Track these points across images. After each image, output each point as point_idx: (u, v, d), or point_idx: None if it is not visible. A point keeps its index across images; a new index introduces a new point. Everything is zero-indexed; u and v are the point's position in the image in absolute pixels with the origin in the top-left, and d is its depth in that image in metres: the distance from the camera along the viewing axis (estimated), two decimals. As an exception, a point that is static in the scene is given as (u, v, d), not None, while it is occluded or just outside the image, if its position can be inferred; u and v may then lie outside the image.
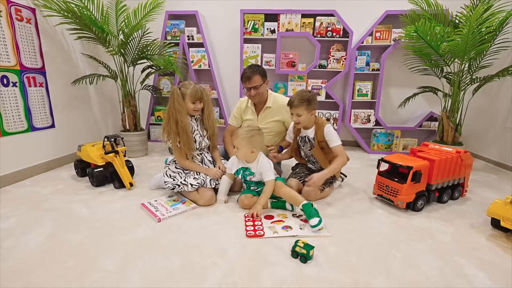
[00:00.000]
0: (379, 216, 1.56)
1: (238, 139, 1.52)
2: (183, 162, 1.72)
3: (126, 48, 2.48)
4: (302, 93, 1.65)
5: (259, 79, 1.84)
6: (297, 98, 1.63)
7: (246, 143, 1.52)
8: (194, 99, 1.64)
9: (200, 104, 1.69)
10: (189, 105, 1.66)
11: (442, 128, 2.33)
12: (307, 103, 1.62)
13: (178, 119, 1.62)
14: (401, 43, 2.63)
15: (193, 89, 1.63)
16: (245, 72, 1.86)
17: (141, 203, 1.63)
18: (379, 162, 1.75)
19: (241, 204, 1.59)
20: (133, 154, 2.68)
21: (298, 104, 1.62)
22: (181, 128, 1.63)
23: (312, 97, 1.64)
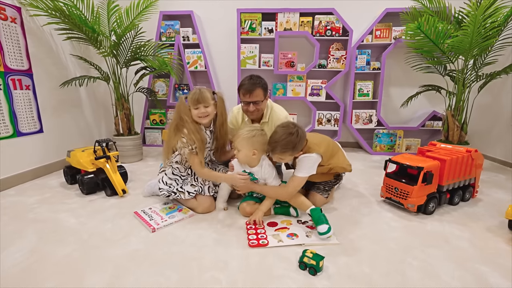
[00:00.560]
0: (389, 221, 1.46)
1: (239, 140, 1.40)
2: (202, 171, 1.52)
3: (118, 49, 2.38)
4: (286, 137, 1.29)
5: (260, 94, 1.60)
6: (279, 146, 1.30)
7: (247, 144, 1.39)
8: (195, 103, 1.47)
9: (205, 109, 1.48)
10: (193, 112, 1.48)
11: (447, 127, 2.25)
12: (291, 150, 1.33)
13: (186, 126, 1.47)
14: (403, 41, 2.57)
15: (193, 91, 1.49)
16: (243, 84, 1.60)
17: (134, 212, 1.51)
18: (386, 163, 1.66)
19: (242, 211, 1.49)
20: (127, 160, 2.56)
21: (280, 152, 1.33)
22: (193, 134, 1.47)
23: (299, 140, 1.31)
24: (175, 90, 3.12)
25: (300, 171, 1.39)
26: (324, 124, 2.95)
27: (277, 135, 1.32)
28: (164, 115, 3.18)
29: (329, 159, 1.48)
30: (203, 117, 1.49)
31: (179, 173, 1.62)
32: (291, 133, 1.30)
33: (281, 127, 1.34)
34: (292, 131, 1.30)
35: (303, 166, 1.39)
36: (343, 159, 1.58)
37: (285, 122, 1.37)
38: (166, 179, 1.61)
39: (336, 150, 1.56)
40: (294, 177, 1.41)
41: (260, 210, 1.42)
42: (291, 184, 1.41)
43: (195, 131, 1.48)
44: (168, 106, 3.14)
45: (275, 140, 1.32)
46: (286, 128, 1.32)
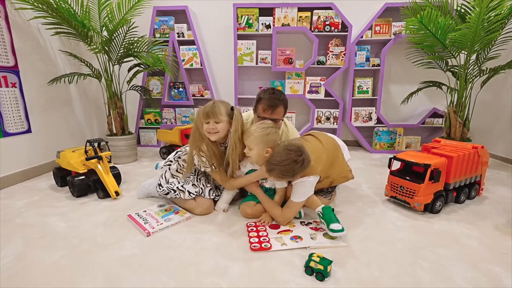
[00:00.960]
0: (395, 220, 1.41)
1: (251, 138, 1.29)
2: (228, 184, 1.43)
3: (110, 45, 2.29)
4: (289, 163, 1.16)
5: (281, 112, 1.46)
6: (278, 170, 1.19)
7: (261, 142, 1.28)
8: (204, 117, 1.33)
9: (216, 125, 1.32)
10: (204, 126, 1.35)
11: (449, 124, 2.21)
12: (290, 177, 1.23)
13: (205, 141, 1.37)
14: (403, 36, 2.53)
15: (206, 104, 1.36)
16: (265, 98, 1.43)
17: (128, 215, 1.43)
18: (391, 161, 1.61)
19: (242, 213, 1.42)
20: (120, 160, 2.47)
21: (277, 176, 1.23)
22: (211, 149, 1.37)
23: (302, 170, 1.20)
24: (170, 88, 3.03)
25: (296, 196, 1.28)
26: (323, 122, 2.89)
27: (279, 157, 1.17)
28: (159, 115, 3.09)
29: (328, 170, 1.38)
30: (211, 133, 1.34)
31: (182, 170, 1.55)
32: (295, 161, 1.16)
33: (287, 149, 1.18)
34: (297, 160, 1.16)
35: (299, 191, 1.28)
36: (343, 165, 1.46)
37: (292, 144, 1.20)
38: (169, 176, 1.54)
39: (336, 155, 1.44)
40: (290, 202, 1.30)
41: (268, 216, 1.37)
42: (288, 210, 1.31)
43: (214, 148, 1.38)
44: (163, 105, 3.05)
45: (276, 162, 1.18)
46: (292, 153, 1.16)
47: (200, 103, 3.10)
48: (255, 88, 2.99)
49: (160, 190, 1.52)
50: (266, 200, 1.38)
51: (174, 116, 3.08)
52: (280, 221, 1.33)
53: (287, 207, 1.32)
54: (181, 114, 3.07)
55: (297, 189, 1.28)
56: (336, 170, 1.42)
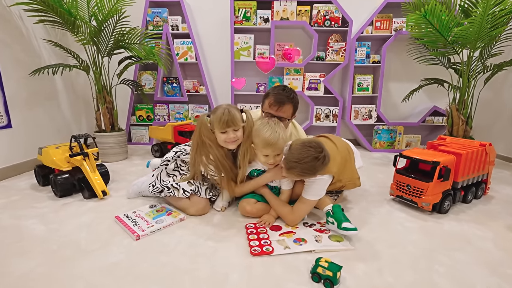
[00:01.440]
0: (403, 221, 1.33)
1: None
2: (240, 190, 1.34)
3: (100, 36, 2.15)
4: (311, 161, 1.07)
5: (289, 111, 1.36)
6: (299, 168, 1.09)
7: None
8: (223, 127, 1.21)
9: (235, 133, 1.23)
10: (219, 136, 1.24)
11: (451, 122, 2.16)
12: (311, 176, 1.14)
13: (211, 153, 1.27)
14: (404, 33, 2.48)
15: (220, 112, 1.21)
16: (274, 93, 1.34)
17: (116, 216, 1.31)
18: (396, 158, 1.53)
19: (241, 210, 1.32)
20: (110, 158, 2.33)
21: (298, 174, 1.12)
22: (220, 161, 1.27)
23: (323, 168, 1.11)
24: (163, 83, 2.90)
25: (310, 194, 1.19)
26: (322, 120, 2.81)
27: (300, 154, 1.08)
28: (151, 111, 2.95)
29: (340, 174, 1.29)
30: (231, 142, 1.24)
31: (179, 169, 1.44)
32: (317, 158, 1.06)
33: (308, 146, 1.09)
34: (318, 156, 1.06)
35: (314, 189, 1.19)
36: (353, 171, 1.39)
37: (312, 141, 1.12)
38: (164, 176, 1.43)
39: (348, 160, 1.35)
40: (303, 199, 1.20)
41: (272, 216, 1.27)
42: (301, 206, 1.21)
43: (221, 158, 1.27)
44: (155, 101, 2.92)
45: (296, 160, 1.08)
46: (312, 150, 1.07)
47: (194, 100, 2.99)
48: (253, 84, 2.89)
49: (152, 190, 1.40)
50: (273, 198, 1.29)
51: (167, 112, 2.95)
52: (290, 219, 1.23)
53: (300, 203, 1.22)
54: (174, 111, 2.94)
55: (312, 186, 1.19)
56: (348, 175, 1.34)
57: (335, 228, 1.16)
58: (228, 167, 1.30)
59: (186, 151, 1.44)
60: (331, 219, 1.18)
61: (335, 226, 1.15)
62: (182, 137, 2.26)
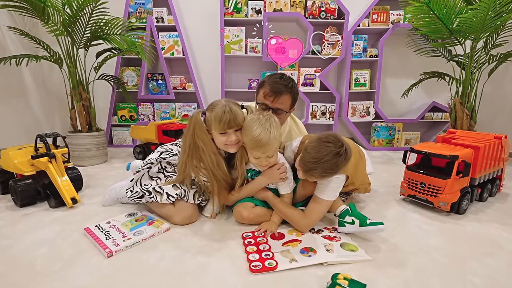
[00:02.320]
0: (420, 223, 1.18)
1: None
2: (235, 197, 1.15)
3: (74, 26, 1.93)
4: (332, 158, 0.91)
5: (287, 102, 1.18)
6: (320, 168, 0.92)
7: None
8: (223, 127, 1.02)
9: (236, 133, 1.05)
10: (217, 137, 1.06)
11: (455, 116, 2.06)
12: (333, 175, 0.98)
13: (204, 159, 1.08)
14: (405, 23, 2.38)
15: (220, 110, 1.02)
16: (270, 81, 1.16)
17: (85, 228, 1.09)
18: (406, 154, 1.39)
19: (237, 217, 1.13)
20: (86, 162, 2.09)
21: (319, 175, 0.95)
22: (214, 170, 1.09)
23: (345, 164, 0.95)
24: (148, 80, 2.69)
25: (326, 193, 1.02)
26: (318, 118, 2.67)
27: (318, 152, 0.92)
28: (134, 110, 2.73)
29: (353, 177, 1.14)
30: (232, 145, 1.06)
31: (164, 170, 1.23)
32: (338, 154, 0.91)
33: (326, 142, 0.93)
34: (340, 151, 0.91)
35: (331, 187, 1.02)
36: (364, 176, 1.25)
37: (328, 135, 0.95)
38: (146, 180, 1.21)
39: (359, 162, 1.20)
40: (318, 200, 1.03)
41: (274, 222, 1.09)
42: (315, 209, 1.04)
43: (213, 166, 1.08)
44: (139, 100, 2.70)
45: (315, 160, 0.92)
46: (332, 145, 0.91)
47: (182, 98, 2.79)
48: (244, 81, 2.72)
49: (131, 196, 1.19)
50: (278, 202, 1.11)
51: (152, 111, 2.73)
52: (304, 224, 1.05)
53: (314, 204, 1.04)
54: (160, 110, 2.73)
55: (329, 185, 1.02)
56: (360, 178, 1.19)
57: (355, 229, 1.00)
58: (220, 176, 1.10)
59: (173, 152, 1.24)
60: (349, 219, 1.02)
61: (356, 225, 1.00)
62: (167, 137, 2.06)
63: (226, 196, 1.15)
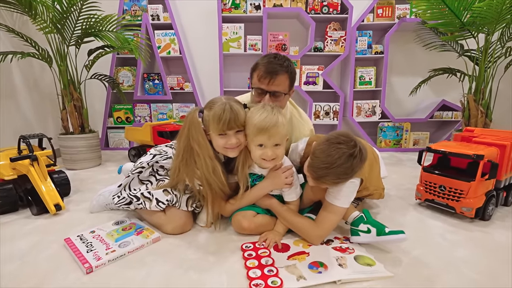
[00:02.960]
0: (442, 232, 1.05)
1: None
2: (232, 207, 1.02)
3: (65, 23, 1.83)
4: (345, 161, 0.79)
5: (285, 83, 1.06)
6: (333, 174, 0.81)
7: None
8: (222, 128, 0.91)
9: (238, 135, 0.94)
10: (216, 139, 0.94)
11: (468, 114, 1.93)
12: (348, 180, 0.86)
13: (199, 165, 0.95)
14: (412, 17, 2.27)
15: (219, 108, 0.90)
16: (263, 63, 1.04)
17: (66, 239, 0.97)
18: (421, 154, 1.26)
19: (236, 227, 1.00)
20: (78, 165, 1.98)
21: (332, 181, 0.84)
22: (210, 177, 0.95)
23: (361, 166, 0.83)
24: (144, 80, 2.58)
25: (339, 199, 0.89)
26: (322, 118, 2.55)
27: (329, 156, 0.80)
28: (130, 112, 2.62)
29: (367, 181, 1.02)
30: (232, 148, 0.94)
31: (156, 173, 1.12)
32: (352, 155, 0.79)
33: (336, 143, 0.81)
34: (354, 152, 0.79)
35: (345, 192, 0.89)
36: (378, 180, 1.13)
37: (339, 135, 0.83)
38: (135, 184, 1.10)
39: (373, 165, 1.09)
40: (331, 207, 0.90)
41: (278, 232, 0.96)
42: (328, 218, 0.91)
43: (208, 173, 0.94)
44: (135, 100, 2.59)
45: (327, 165, 0.80)
46: (344, 146, 0.80)
47: (179, 98, 2.68)
48: (244, 80, 2.62)
49: (118, 200, 1.07)
50: (284, 210, 0.98)
51: (149, 113, 2.63)
52: (316, 235, 0.92)
53: (326, 212, 0.91)
54: (157, 111, 2.62)
55: (342, 189, 0.88)
56: (374, 182, 1.08)
57: (371, 239, 0.89)
58: (215, 184, 0.96)
59: (167, 154, 1.13)
60: (364, 227, 0.90)
61: (373, 234, 0.88)
62: (163, 138, 1.94)
63: (222, 206, 1.02)
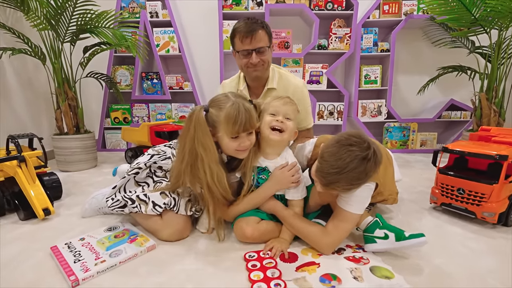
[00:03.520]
0: (463, 239, 0.96)
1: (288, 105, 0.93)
2: (234, 211, 0.94)
3: (60, 19, 1.76)
4: (358, 165, 0.71)
5: (265, 38, 1.14)
6: (345, 180, 0.73)
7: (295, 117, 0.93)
8: (238, 130, 0.84)
9: (249, 136, 0.88)
10: (227, 143, 0.87)
11: (480, 114, 1.85)
12: (361, 186, 0.76)
13: (205, 170, 0.86)
14: (420, 14, 2.20)
15: (232, 109, 0.83)
16: (239, 26, 1.13)
17: (52, 247, 0.88)
18: (436, 154, 1.18)
19: (239, 235, 0.91)
20: (72, 167, 1.90)
21: (343, 188, 0.75)
22: (210, 179, 0.86)
23: (375, 169, 0.74)
24: (142, 79, 2.51)
25: (353, 204, 0.81)
26: (325, 118, 2.47)
27: (339, 160, 0.72)
28: (128, 112, 2.55)
29: (381, 185, 0.93)
30: (243, 150, 0.89)
31: (154, 175, 1.04)
32: (365, 158, 0.71)
33: (347, 145, 0.72)
34: (367, 155, 0.71)
35: (359, 197, 0.81)
36: (392, 184, 1.05)
37: (350, 135, 0.75)
38: (131, 186, 1.01)
39: (388, 167, 1.01)
40: (343, 214, 0.81)
41: (284, 241, 0.88)
42: (340, 226, 0.82)
43: (211, 181, 0.86)
44: (133, 100, 2.52)
45: (338, 170, 0.71)
46: (356, 148, 0.71)
47: (179, 98, 2.60)
48: (245, 79, 2.54)
49: (112, 203, 0.99)
50: (291, 216, 0.89)
51: (147, 113, 2.55)
52: (326, 244, 0.83)
53: (337, 220, 0.83)
54: (155, 111, 2.54)
55: (356, 194, 0.79)
56: (388, 186, 0.99)
57: (390, 245, 0.81)
58: (218, 192, 0.87)
59: (166, 155, 1.05)
60: (381, 232, 0.82)
61: (391, 240, 0.81)
62: (161, 139, 1.86)
63: (224, 210, 0.93)
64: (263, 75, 1.23)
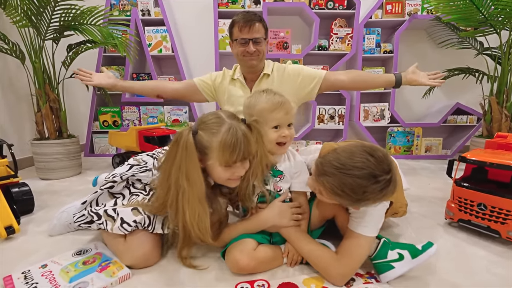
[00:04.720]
0: (487, 264, 0.83)
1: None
2: (230, 235, 0.81)
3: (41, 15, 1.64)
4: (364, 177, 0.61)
5: (261, 30, 1.21)
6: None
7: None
8: (235, 159, 0.71)
9: (244, 164, 0.75)
10: (218, 172, 0.74)
11: (490, 119, 1.74)
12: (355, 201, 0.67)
13: (190, 203, 0.72)
14: (419, 17, 2.11)
15: (229, 136, 0.70)
16: (238, 17, 1.19)
17: (5, 278, 0.74)
18: (452, 164, 1.06)
19: (232, 266, 0.75)
20: (54, 174, 1.76)
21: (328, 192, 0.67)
22: (191, 219, 0.72)
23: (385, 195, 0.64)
24: (133, 80, 2.38)
25: (366, 225, 0.70)
26: (326, 122, 2.36)
27: (350, 159, 0.63)
28: (118, 115, 2.42)
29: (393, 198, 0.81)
30: (235, 179, 0.77)
31: (131, 186, 0.90)
32: (375, 177, 0.61)
33: (367, 153, 0.62)
34: (380, 177, 0.60)
35: (374, 217, 0.70)
36: (402, 192, 0.95)
37: (376, 149, 0.64)
38: (104, 198, 0.88)
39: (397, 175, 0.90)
40: (357, 237, 0.70)
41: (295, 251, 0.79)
42: (354, 251, 0.70)
43: (197, 220, 0.72)
44: (123, 103, 2.39)
45: (341, 166, 0.62)
46: (373, 162, 0.62)
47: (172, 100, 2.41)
48: (241, 81, 2.42)
49: (77, 218, 0.85)
50: (300, 237, 0.78)
51: (138, 116, 2.42)
52: (338, 274, 0.70)
53: (350, 244, 0.71)
54: (147, 114, 2.42)
55: (371, 213, 0.69)
56: (399, 198, 0.89)
57: (409, 265, 0.70)
58: (196, 234, 0.73)
59: (146, 166, 0.90)
60: (394, 254, 0.71)
61: (408, 259, 0.70)
62: (150, 144, 1.73)
63: (214, 238, 0.78)
64: (258, 65, 1.26)
